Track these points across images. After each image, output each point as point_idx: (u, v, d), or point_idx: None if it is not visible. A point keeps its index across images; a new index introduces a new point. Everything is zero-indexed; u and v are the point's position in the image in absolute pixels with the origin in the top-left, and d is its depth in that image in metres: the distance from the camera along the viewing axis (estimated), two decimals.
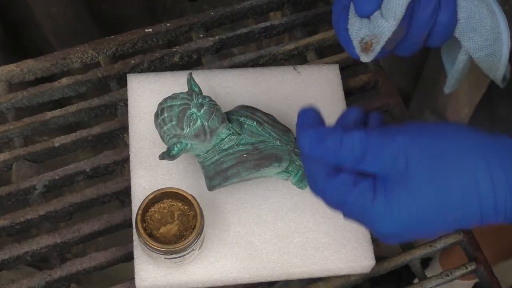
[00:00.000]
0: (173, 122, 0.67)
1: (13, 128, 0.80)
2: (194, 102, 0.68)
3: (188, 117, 0.67)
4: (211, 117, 0.67)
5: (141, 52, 0.86)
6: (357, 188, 0.53)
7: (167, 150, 0.68)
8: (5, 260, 0.74)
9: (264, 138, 0.70)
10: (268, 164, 0.70)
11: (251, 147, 0.70)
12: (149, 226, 0.68)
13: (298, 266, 0.72)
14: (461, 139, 0.53)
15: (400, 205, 0.52)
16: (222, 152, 0.69)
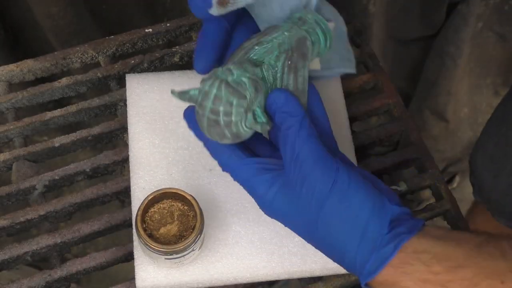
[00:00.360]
0: (234, 102, 0.60)
1: (13, 128, 0.80)
2: (220, 72, 0.61)
3: (235, 84, 0.60)
4: (243, 66, 0.61)
5: (141, 52, 0.86)
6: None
7: (254, 125, 0.61)
8: (5, 260, 0.74)
9: (275, 44, 0.64)
10: (305, 48, 0.64)
11: (282, 55, 0.63)
12: (149, 227, 0.68)
13: (298, 265, 0.72)
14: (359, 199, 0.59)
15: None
16: (274, 84, 0.64)
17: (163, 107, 0.78)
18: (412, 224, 0.59)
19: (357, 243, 0.58)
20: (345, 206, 0.58)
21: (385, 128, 0.84)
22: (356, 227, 0.58)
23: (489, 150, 0.87)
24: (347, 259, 0.59)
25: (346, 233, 0.58)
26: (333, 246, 0.59)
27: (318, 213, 0.59)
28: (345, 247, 0.58)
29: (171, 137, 0.76)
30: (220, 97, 0.60)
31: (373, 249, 0.57)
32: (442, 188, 0.81)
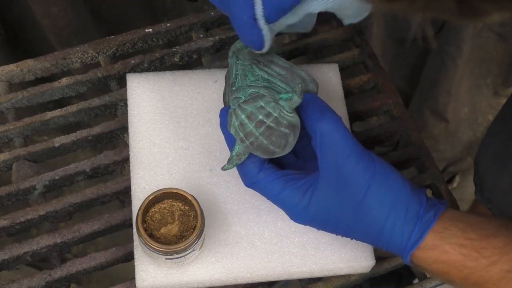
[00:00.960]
0: (272, 104, 0.63)
1: (13, 128, 0.80)
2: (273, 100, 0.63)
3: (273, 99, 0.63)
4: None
5: (141, 52, 0.86)
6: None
7: (297, 95, 0.62)
8: (5, 260, 0.74)
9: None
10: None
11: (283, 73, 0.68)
12: (149, 227, 0.68)
13: (298, 266, 0.71)
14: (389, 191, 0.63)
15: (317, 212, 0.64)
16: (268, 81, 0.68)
17: (164, 107, 0.78)
18: (439, 201, 0.64)
19: (402, 220, 0.62)
20: (386, 192, 0.62)
21: (385, 128, 0.84)
22: (399, 209, 0.62)
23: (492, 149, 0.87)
24: (392, 238, 0.63)
25: (391, 216, 0.62)
26: (378, 231, 0.63)
27: (360, 204, 0.62)
28: (392, 227, 0.63)
29: (171, 137, 0.76)
30: (251, 112, 0.62)
31: (417, 221, 0.62)
32: (442, 188, 0.81)
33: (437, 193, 0.81)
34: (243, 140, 0.63)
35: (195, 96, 0.79)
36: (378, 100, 0.86)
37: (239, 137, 0.63)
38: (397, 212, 0.62)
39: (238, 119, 0.63)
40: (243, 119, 0.63)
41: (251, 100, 0.63)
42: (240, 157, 0.65)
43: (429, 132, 1.41)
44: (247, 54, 0.70)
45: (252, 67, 0.68)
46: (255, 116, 0.62)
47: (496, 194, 0.84)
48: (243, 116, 0.63)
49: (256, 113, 0.62)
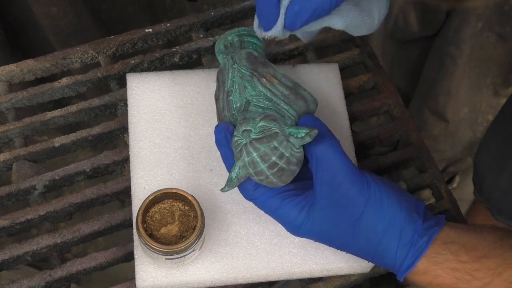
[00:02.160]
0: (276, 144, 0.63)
1: (13, 128, 0.80)
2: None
3: (281, 139, 0.63)
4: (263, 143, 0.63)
5: (141, 52, 0.86)
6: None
7: (309, 135, 0.63)
8: (5, 260, 0.74)
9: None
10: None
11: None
12: (149, 227, 0.68)
13: (298, 266, 0.71)
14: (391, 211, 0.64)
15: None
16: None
17: (164, 107, 0.78)
18: (437, 218, 0.64)
19: (396, 246, 0.63)
20: (380, 219, 0.63)
21: (385, 128, 0.84)
22: (393, 235, 0.63)
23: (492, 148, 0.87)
24: (385, 261, 0.64)
25: (384, 241, 0.63)
26: (372, 253, 0.64)
27: (355, 227, 0.63)
28: (385, 251, 0.63)
29: (171, 136, 0.76)
30: (264, 153, 0.62)
31: (410, 247, 0.62)
32: (442, 188, 0.81)
33: (437, 193, 0.81)
34: (252, 175, 0.64)
35: (195, 96, 0.79)
36: (378, 100, 0.86)
37: (247, 172, 0.64)
38: (390, 238, 0.63)
39: (250, 156, 0.63)
40: (255, 157, 0.63)
41: (265, 140, 0.63)
42: (240, 180, 0.65)
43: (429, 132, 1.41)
44: (245, 61, 0.68)
45: (253, 80, 0.67)
46: (268, 158, 0.62)
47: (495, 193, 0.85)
48: (255, 154, 0.63)
49: (270, 154, 0.62)
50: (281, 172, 0.63)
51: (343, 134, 0.79)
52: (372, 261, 0.66)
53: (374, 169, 0.81)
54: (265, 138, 0.63)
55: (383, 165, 0.81)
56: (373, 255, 0.64)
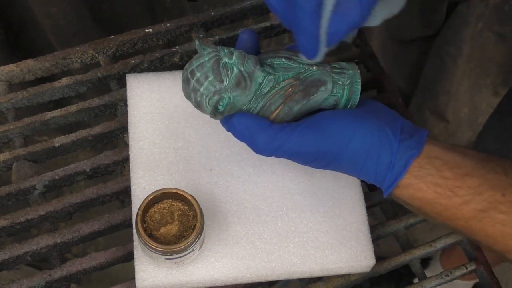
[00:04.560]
0: (210, 78, 0.63)
1: (13, 128, 0.80)
2: (223, 52, 0.64)
3: (223, 67, 0.63)
4: (245, 61, 0.64)
5: (141, 52, 0.86)
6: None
7: (214, 109, 0.64)
8: (5, 260, 0.74)
9: (299, 69, 0.66)
10: (316, 90, 0.66)
11: (291, 80, 0.66)
12: (149, 227, 0.68)
13: (298, 266, 0.72)
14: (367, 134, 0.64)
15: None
16: (265, 96, 0.66)
17: (164, 107, 0.78)
18: (419, 136, 0.64)
19: (374, 171, 0.64)
20: (362, 143, 0.64)
21: None
22: (371, 159, 0.63)
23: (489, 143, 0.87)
24: (369, 180, 0.65)
25: (364, 166, 0.64)
26: (357, 174, 0.65)
27: (343, 151, 0.64)
28: (365, 174, 0.65)
29: (171, 137, 0.76)
30: (204, 66, 0.63)
31: (388, 170, 0.63)
32: None
33: None
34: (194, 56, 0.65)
35: None
36: (378, 100, 0.85)
37: (196, 55, 0.65)
38: (369, 164, 0.64)
39: (200, 57, 0.64)
40: (200, 59, 0.64)
41: (215, 67, 0.63)
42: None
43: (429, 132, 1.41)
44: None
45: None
46: (200, 69, 0.64)
47: None
48: (205, 59, 0.64)
49: (202, 71, 0.64)
50: (186, 80, 0.64)
51: None
52: (356, 176, 0.67)
53: None
54: (217, 68, 0.63)
55: None
56: (358, 176, 0.66)
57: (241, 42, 0.68)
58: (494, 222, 0.59)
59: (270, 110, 0.65)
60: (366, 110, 0.66)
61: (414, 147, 0.63)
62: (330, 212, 0.74)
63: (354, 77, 0.67)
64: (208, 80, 0.63)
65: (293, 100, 0.66)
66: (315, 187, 0.75)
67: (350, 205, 0.74)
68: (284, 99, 0.65)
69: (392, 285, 1.46)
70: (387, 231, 0.78)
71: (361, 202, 0.75)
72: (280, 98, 0.65)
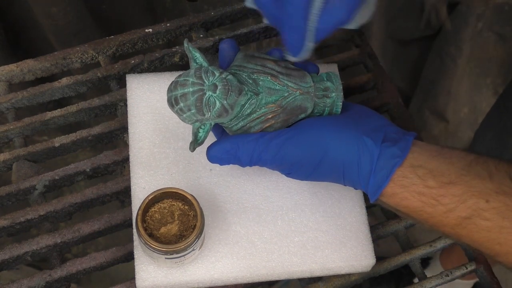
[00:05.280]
0: (192, 111, 0.64)
1: (13, 128, 0.80)
2: (207, 84, 0.64)
3: (206, 104, 0.64)
4: (229, 95, 0.64)
5: (141, 52, 0.86)
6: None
7: (194, 139, 0.66)
8: (5, 260, 0.74)
9: (283, 92, 0.67)
10: (295, 118, 0.68)
11: (273, 106, 0.67)
12: (149, 226, 0.68)
13: (298, 265, 0.72)
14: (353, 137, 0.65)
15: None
16: (246, 118, 0.67)
17: (164, 107, 0.78)
18: (404, 142, 0.64)
19: (357, 178, 0.65)
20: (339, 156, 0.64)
21: None
22: (352, 167, 0.64)
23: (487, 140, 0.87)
24: (356, 187, 0.66)
25: (346, 174, 0.65)
26: (341, 182, 0.67)
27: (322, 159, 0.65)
28: (349, 182, 0.66)
29: (171, 137, 0.76)
30: (187, 98, 0.64)
31: (369, 178, 0.64)
32: None
33: None
34: (181, 75, 0.66)
35: None
36: (378, 100, 0.86)
37: (184, 74, 0.66)
38: (351, 172, 0.65)
39: (186, 86, 0.65)
40: (185, 89, 0.65)
41: (198, 104, 0.64)
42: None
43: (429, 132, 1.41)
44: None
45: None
46: (183, 99, 0.65)
47: None
48: (189, 90, 0.65)
49: (185, 102, 0.65)
50: (180, 118, 0.66)
51: None
52: (340, 182, 0.67)
53: None
54: (200, 104, 0.64)
55: None
56: (344, 184, 0.67)
57: (222, 51, 0.70)
58: (478, 228, 0.60)
59: (248, 133, 0.67)
60: (348, 117, 0.67)
61: (398, 156, 0.63)
62: (330, 211, 0.74)
63: (336, 100, 0.69)
64: (190, 112, 0.65)
65: (271, 127, 0.67)
66: (315, 187, 0.75)
67: (350, 205, 0.75)
68: (263, 125, 0.67)
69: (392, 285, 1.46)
70: (387, 231, 0.78)
71: (361, 202, 0.75)
72: (259, 123, 0.67)
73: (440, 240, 0.78)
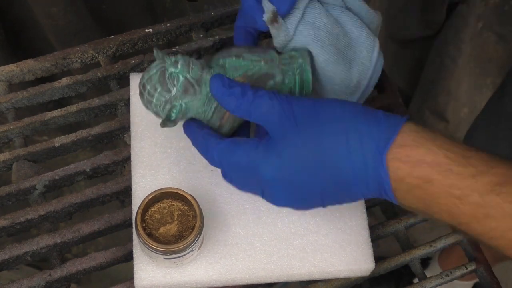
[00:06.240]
0: (158, 90, 0.66)
1: (13, 128, 0.80)
2: (168, 63, 0.66)
3: (169, 78, 0.66)
4: (190, 68, 0.66)
5: (141, 52, 0.86)
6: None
7: (166, 117, 0.67)
8: (5, 260, 0.74)
9: (247, 66, 0.68)
10: (264, 85, 0.68)
11: (240, 78, 0.67)
12: (148, 226, 0.68)
13: (297, 268, 0.71)
14: (338, 108, 0.62)
15: (280, 155, 0.59)
16: None
17: None
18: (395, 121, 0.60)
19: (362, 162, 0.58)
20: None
21: None
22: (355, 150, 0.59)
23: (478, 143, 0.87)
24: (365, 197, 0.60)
25: (353, 185, 0.59)
26: (342, 181, 0.60)
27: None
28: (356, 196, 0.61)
29: (173, 137, 0.76)
30: (152, 79, 0.66)
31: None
32: None
33: None
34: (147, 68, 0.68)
35: None
36: (378, 100, 0.86)
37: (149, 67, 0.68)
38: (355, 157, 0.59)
39: (149, 70, 0.67)
40: (149, 72, 0.67)
41: (161, 79, 0.66)
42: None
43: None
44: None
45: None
46: (149, 82, 0.66)
47: None
48: (152, 71, 0.67)
49: (151, 84, 0.66)
50: (141, 93, 0.67)
51: None
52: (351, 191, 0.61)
53: None
54: (163, 79, 0.66)
55: None
56: (345, 184, 0.60)
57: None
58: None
59: (223, 111, 0.67)
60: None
61: (399, 119, 0.59)
62: (330, 215, 0.74)
63: (303, 66, 0.68)
64: (157, 92, 0.66)
65: None
66: None
67: (350, 208, 0.74)
68: None
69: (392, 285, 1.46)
70: (387, 231, 0.78)
71: (361, 205, 0.75)
72: None
73: (440, 240, 0.78)
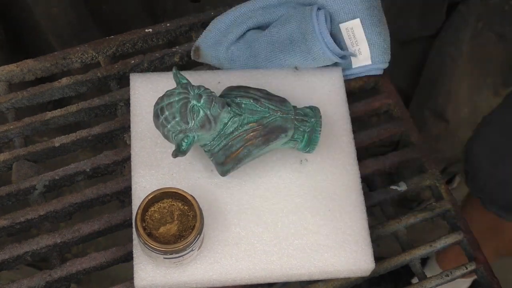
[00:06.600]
0: (177, 119, 0.67)
1: (13, 128, 0.80)
2: (192, 94, 0.68)
3: (190, 110, 0.67)
4: (212, 105, 0.68)
5: (141, 52, 0.86)
6: None
7: (177, 147, 0.68)
8: (5, 260, 0.74)
9: (264, 113, 0.71)
10: (276, 137, 0.71)
11: (255, 124, 0.70)
12: (148, 226, 0.68)
13: (297, 268, 0.71)
14: None
15: None
16: (228, 136, 0.70)
17: None
18: None
19: None
20: None
21: (385, 128, 0.84)
22: None
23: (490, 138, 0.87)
24: None
25: None
26: None
27: None
28: None
29: None
30: (173, 106, 0.68)
31: None
32: (442, 188, 0.81)
33: (437, 193, 0.81)
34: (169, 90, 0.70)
35: None
36: (378, 100, 0.86)
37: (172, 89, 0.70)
38: None
39: (171, 96, 0.69)
40: (170, 98, 0.69)
41: (183, 110, 0.68)
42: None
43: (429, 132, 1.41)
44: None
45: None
46: (169, 108, 0.68)
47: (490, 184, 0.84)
48: (174, 99, 0.68)
49: (170, 111, 0.68)
50: (156, 115, 0.69)
51: (345, 137, 0.79)
52: None
53: (374, 169, 0.81)
54: (184, 110, 0.68)
55: (383, 165, 0.81)
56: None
57: None
58: None
59: (231, 151, 0.70)
60: None
61: None
62: (330, 215, 0.74)
63: (315, 126, 0.72)
64: (175, 120, 0.68)
65: (253, 145, 0.70)
66: (316, 190, 0.75)
67: (350, 209, 0.74)
68: (245, 142, 0.70)
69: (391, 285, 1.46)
70: (387, 231, 0.78)
71: (361, 206, 0.75)
72: (241, 141, 0.70)
73: (440, 240, 0.78)
